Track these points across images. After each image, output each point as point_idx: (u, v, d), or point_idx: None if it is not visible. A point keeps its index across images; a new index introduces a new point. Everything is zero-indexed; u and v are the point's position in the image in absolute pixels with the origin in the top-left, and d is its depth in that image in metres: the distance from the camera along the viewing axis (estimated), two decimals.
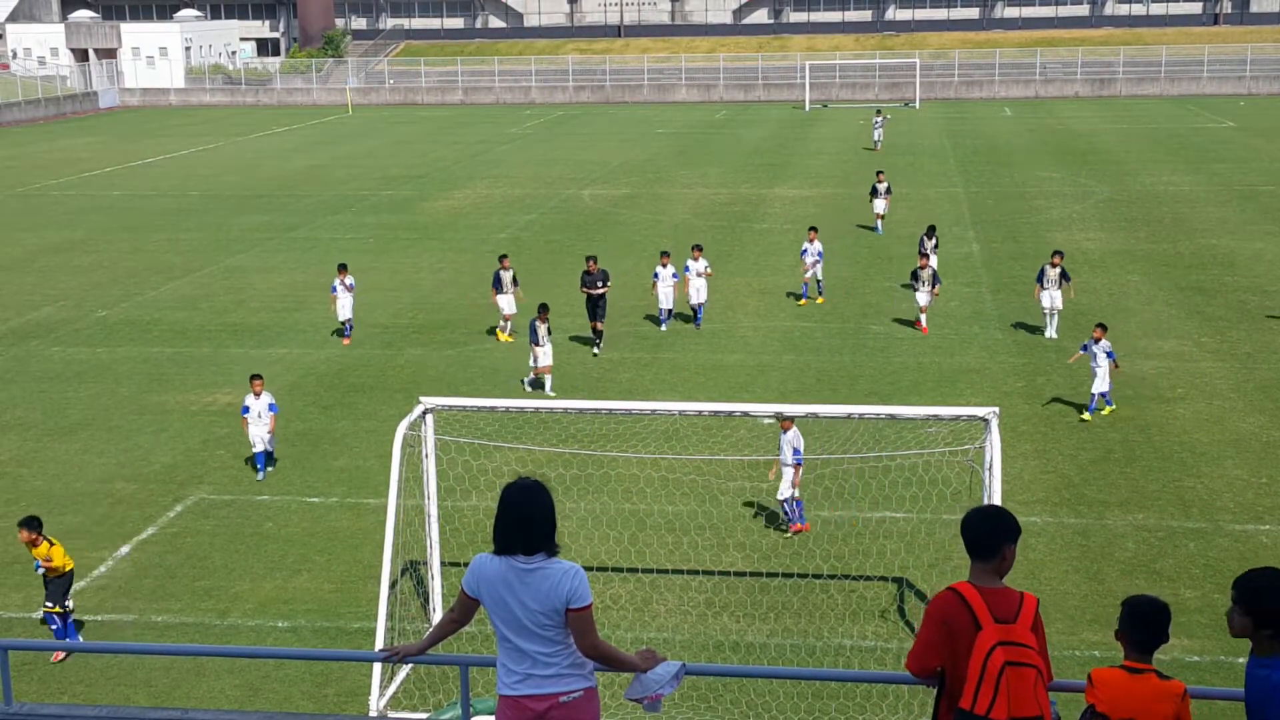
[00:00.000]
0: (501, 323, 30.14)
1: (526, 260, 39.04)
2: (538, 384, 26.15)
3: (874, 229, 41.89)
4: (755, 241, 41.14)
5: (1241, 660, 15.15)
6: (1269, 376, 25.80)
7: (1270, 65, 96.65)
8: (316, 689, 15.33)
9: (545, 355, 25.82)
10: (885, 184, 41.96)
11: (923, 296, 29.90)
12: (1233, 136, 66.56)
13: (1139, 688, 7.16)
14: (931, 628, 7.37)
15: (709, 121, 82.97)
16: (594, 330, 29.09)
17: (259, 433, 21.90)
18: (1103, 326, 23.88)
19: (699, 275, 30.71)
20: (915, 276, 30.26)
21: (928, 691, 14.33)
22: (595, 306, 29.01)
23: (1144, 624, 7.35)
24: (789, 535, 19.06)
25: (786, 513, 19.25)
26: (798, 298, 33.07)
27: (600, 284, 28.93)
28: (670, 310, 30.87)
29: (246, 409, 21.99)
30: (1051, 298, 28.88)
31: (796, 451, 18.89)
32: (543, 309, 26.02)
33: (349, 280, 30.19)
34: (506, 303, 29.89)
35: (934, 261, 31.56)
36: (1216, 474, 21.05)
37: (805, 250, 33.01)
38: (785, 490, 19.07)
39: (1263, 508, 19.70)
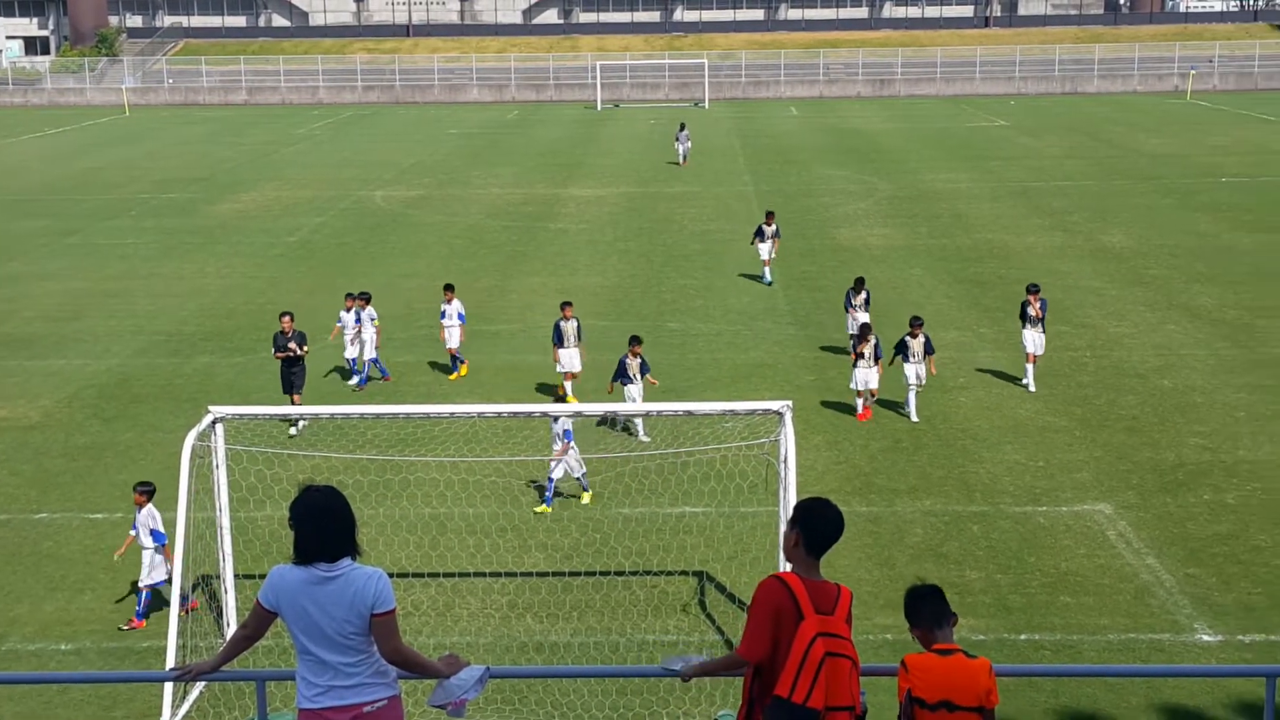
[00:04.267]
0: (565, 382, 25.32)
1: (317, 265, 38.37)
2: (624, 426, 23.40)
3: (760, 277, 35.28)
4: (551, 241, 41.19)
5: (1024, 637, 15.84)
6: (1043, 364, 26.89)
7: (1037, 66, 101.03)
8: (104, 712, 14.78)
9: (637, 394, 22.91)
10: (774, 227, 35.11)
11: (870, 374, 24.00)
12: (1005, 135, 69.33)
13: (951, 668, 7.46)
14: (762, 615, 7.48)
15: (501, 121, 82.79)
16: (293, 404, 23.74)
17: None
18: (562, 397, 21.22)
19: (373, 324, 26.54)
20: (858, 344, 24.27)
21: (729, 682, 14.60)
22: (290, 374, 24.08)
23: (926, 599, 7.70)
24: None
25: None
26: (448, 371, 27.26)
27: (298, 346, 24.01)
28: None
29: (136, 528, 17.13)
30: (916, 372, 24.10)
31: None
32: (635, 341, 23.13)
33: None
34: (570, 359, 25.10)
35: (865, 316, 26.82)
36: (997, 459, 21.88)
37: (444, 312, 27.00)
38: None
39: (1039, 490, 20.57)
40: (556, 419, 19.66)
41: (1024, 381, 25.68)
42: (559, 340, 25.09)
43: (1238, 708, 14.42)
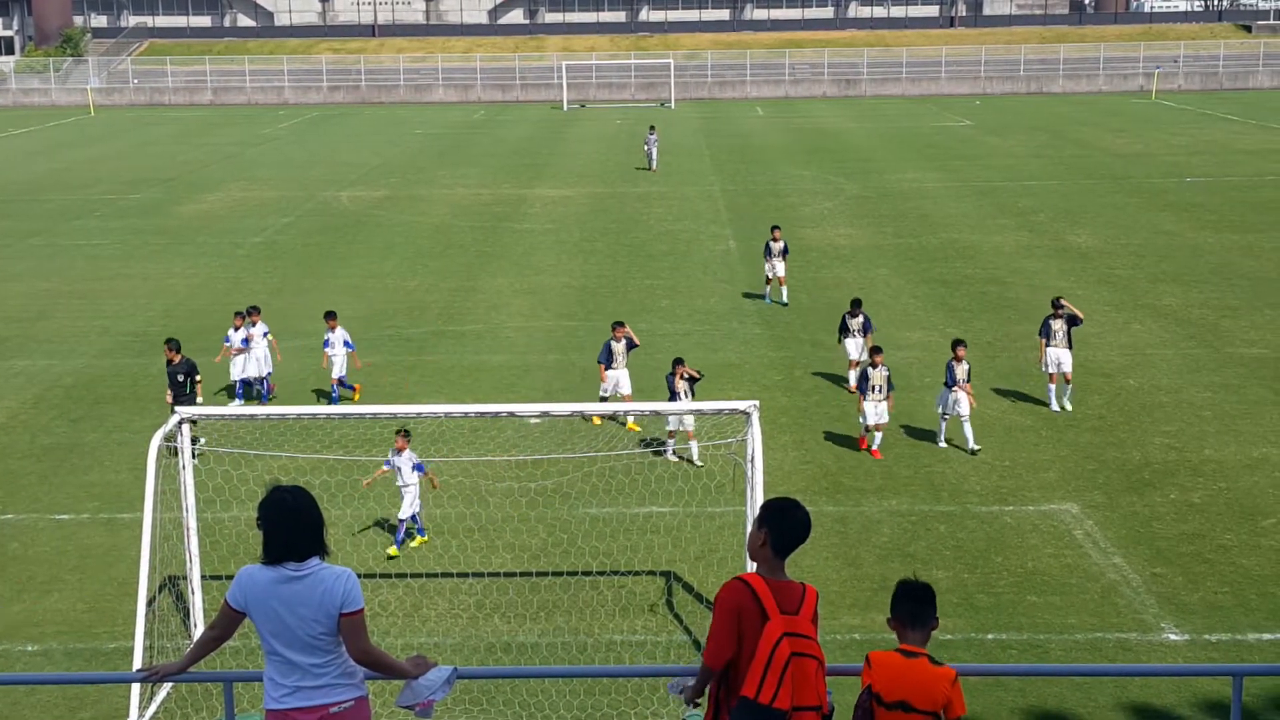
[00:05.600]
0: (628, 416, 23.80)
1: (284, 265, 38.21)
2: (669, 450, 21.95)
3: (763, 297, 32.77)
4: (518, 242, 41.14)
5: (992, 636, 15.91)
6: (1009, 365, 27.05)
7: (1002, 66, 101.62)
8: (71, 714, 14.68)
9: (689, 418, 21.29)
10: (782, 243, 32.51)
11: (882, 408, 21.97)
12: (970, 134, 69.65)
13: (912, 671, 7.47)
14: (726, 618, 7.48)
15: (467, 122, 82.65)
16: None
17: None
18: (405, 434, 18.69)
19: (266, 339, 25.31)
20: (865, 380, 21.98)
21: None
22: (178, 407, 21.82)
23: (909, 596, 7.73)
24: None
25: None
26: (328, 398, 25.31)
27: (183, 376, 22.24)
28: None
29: None
30: (959, 398, 22.16)
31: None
32: (679, 364, 21.75)
33: None
34: (623, 380, 23.56)
35: (863, 345, 24.96)
36: (964, 459, 21.96)
37: (327, 340, 25.13)
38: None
39: (1006, 489, 20.67)
40: (400, 451, 18.36)
41: (1054, 406, 24.14)
42: (607, 360, 23.57)
43: (1204, 706, 14.53)
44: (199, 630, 15.84)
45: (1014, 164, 57.36)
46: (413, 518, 18.69)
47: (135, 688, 14.33)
